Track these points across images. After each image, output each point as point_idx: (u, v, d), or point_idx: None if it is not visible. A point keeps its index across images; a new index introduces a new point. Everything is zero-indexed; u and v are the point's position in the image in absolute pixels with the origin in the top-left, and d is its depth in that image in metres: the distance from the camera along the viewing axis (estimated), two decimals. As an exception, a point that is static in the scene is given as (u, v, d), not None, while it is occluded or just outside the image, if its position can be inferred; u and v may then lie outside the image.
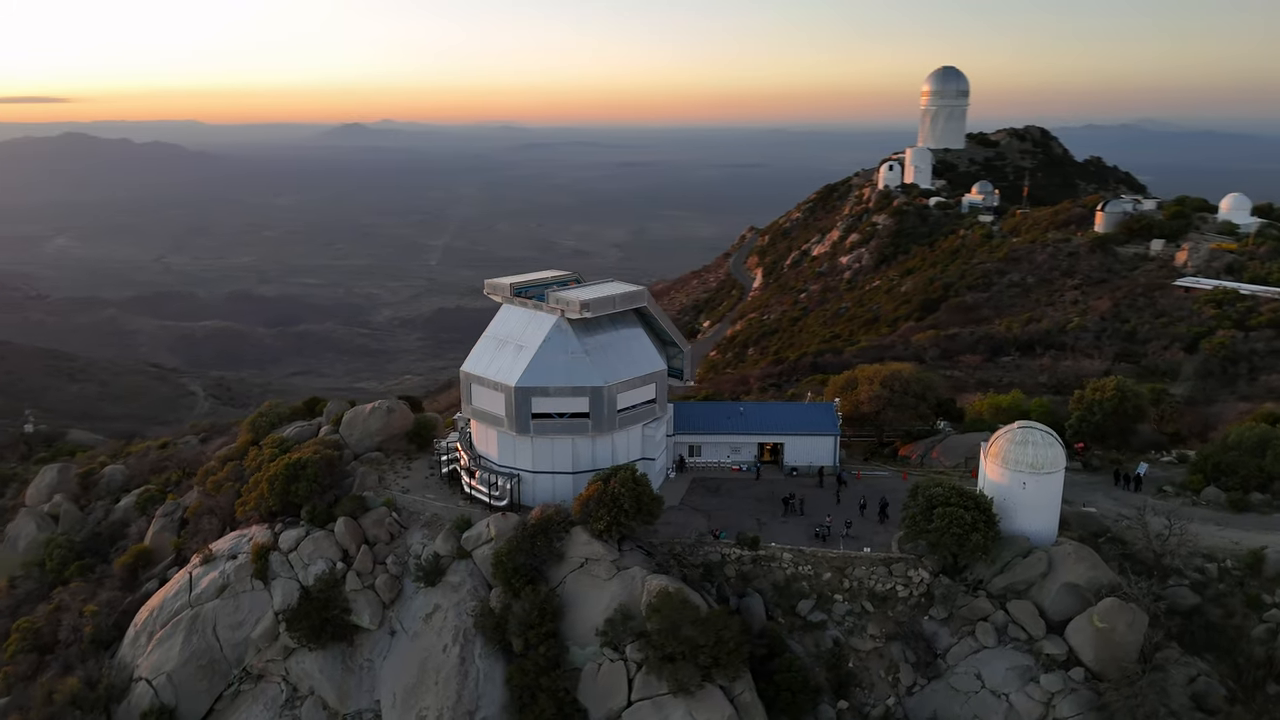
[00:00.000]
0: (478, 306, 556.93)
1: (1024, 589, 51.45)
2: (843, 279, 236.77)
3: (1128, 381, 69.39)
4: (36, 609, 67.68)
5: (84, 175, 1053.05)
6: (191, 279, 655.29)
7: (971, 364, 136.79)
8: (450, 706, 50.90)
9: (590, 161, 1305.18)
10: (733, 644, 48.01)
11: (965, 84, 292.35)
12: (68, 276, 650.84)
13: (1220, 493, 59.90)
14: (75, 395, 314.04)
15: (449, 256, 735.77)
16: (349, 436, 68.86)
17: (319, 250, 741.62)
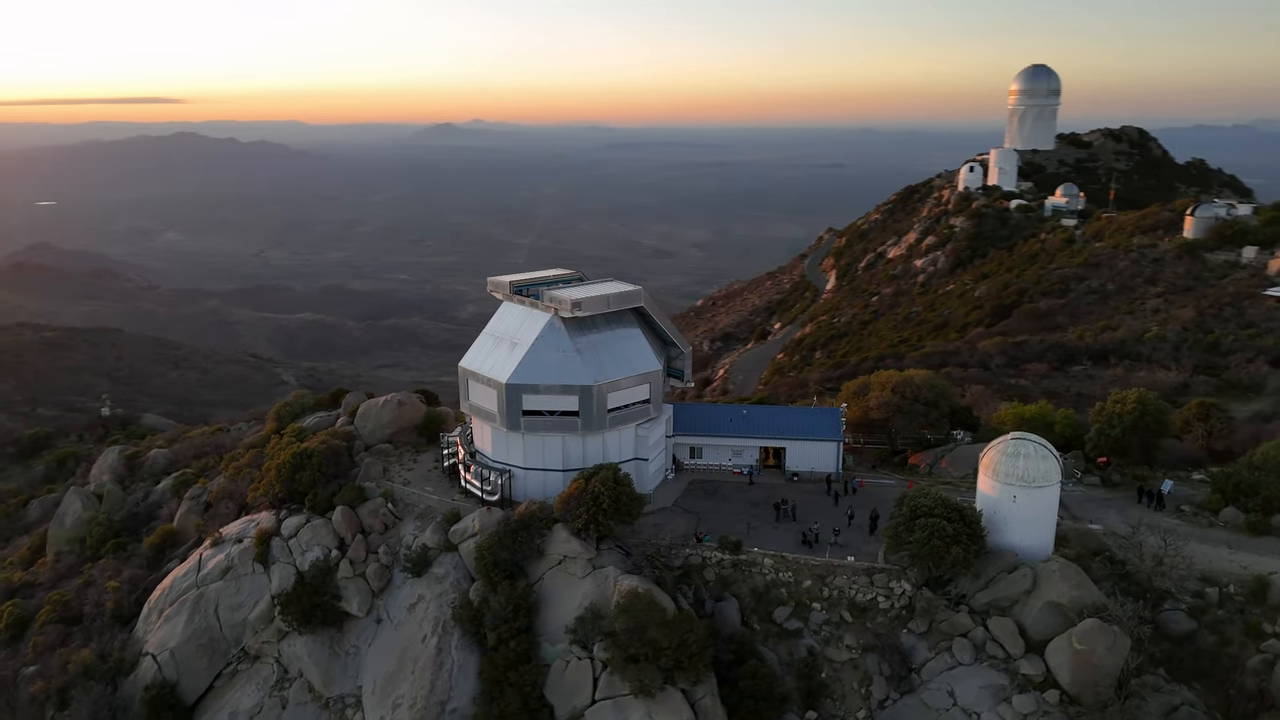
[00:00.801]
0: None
1: (1008, 606, 49.76)
2: (916, 283, 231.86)
3: (1150, 395, 66.14)
4: (72, 583, 71.83)
5: (194, 173, 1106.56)
6: (289, 273, 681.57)
7: (1038, 373, 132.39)
8: (424, 696, 52.02)
9: (674, 161, 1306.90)
10: (695, 647, 47.77)
11: (1056, 83, 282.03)
12: (176, 268, 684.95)
13: (1239, 514, 56.74)
14: (177, 381, 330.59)
15: (534, 255, 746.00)
16: (362, 428, 70.96)
17: (409, 247, 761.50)
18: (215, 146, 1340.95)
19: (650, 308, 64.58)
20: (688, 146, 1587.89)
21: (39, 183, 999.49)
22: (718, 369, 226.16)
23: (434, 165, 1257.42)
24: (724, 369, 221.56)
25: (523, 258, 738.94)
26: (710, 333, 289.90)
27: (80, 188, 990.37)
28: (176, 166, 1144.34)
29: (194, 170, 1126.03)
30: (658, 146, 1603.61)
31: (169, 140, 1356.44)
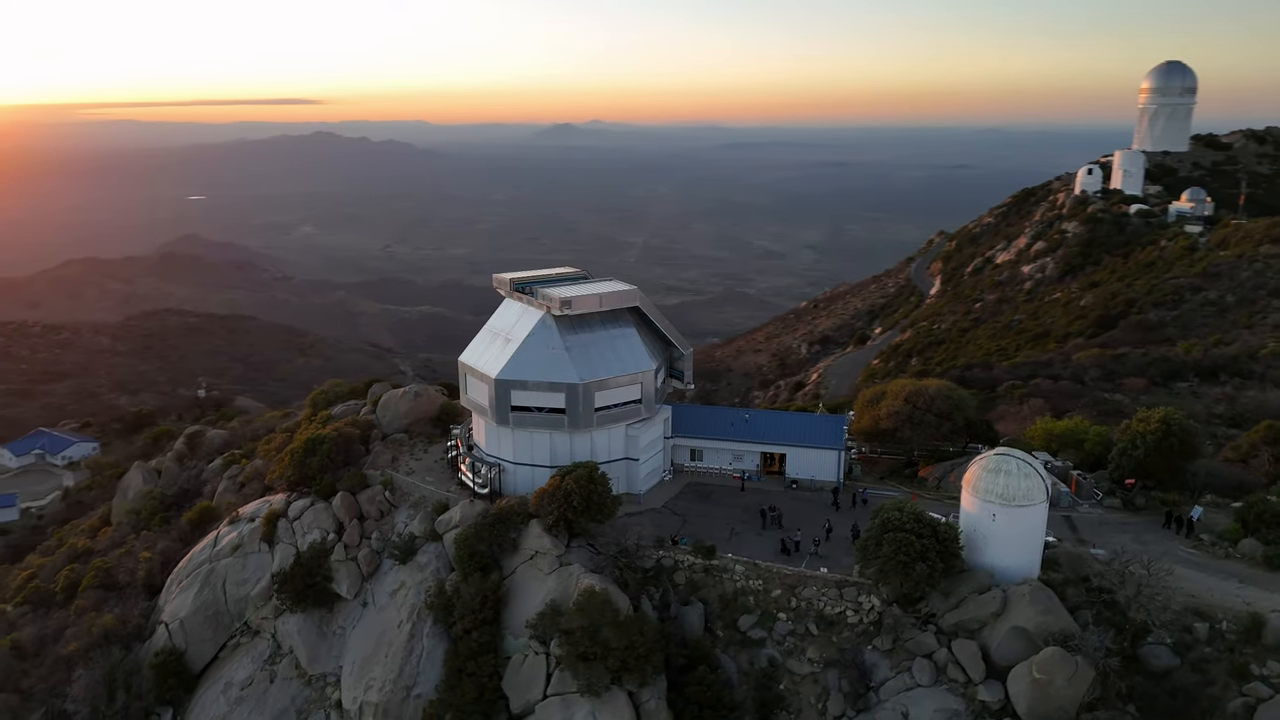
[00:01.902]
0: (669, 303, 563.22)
1: (977, 628, 47.54)
2: (1022, 289, 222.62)
3: (1177, 415, 61.62)
4: (117, 552, 77.25)
5: (328, 170, 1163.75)
6: (412, 267, 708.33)
7: (1136, 388, 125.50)
8: (392, 680, 53.69)
9: (790, 161, 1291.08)
10: (643, 649, 47.63)
11: (1192, 80, 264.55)
12: (309, 261, 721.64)
13: (1259, 546, 52.33)
14: (302, 368, 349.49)
15: (645, 254, 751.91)
16: (382, 417, 73.57)
17: (525, 244, 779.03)
18: (349, 145, 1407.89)
19: (647, 308, 64.53)
20: (806, 146, 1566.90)
21: (190, 179, 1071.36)
22: (811, 373, 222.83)
23: (552, 165, 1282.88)
24: (817, 374, 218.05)
25: (633, 256, 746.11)
26: (809, 336, 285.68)
27: (227, 184, 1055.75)
28: (313, 164, 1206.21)
29: (329, 168, 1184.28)
30: (775, 146, 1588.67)
31: (307, 139, 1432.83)
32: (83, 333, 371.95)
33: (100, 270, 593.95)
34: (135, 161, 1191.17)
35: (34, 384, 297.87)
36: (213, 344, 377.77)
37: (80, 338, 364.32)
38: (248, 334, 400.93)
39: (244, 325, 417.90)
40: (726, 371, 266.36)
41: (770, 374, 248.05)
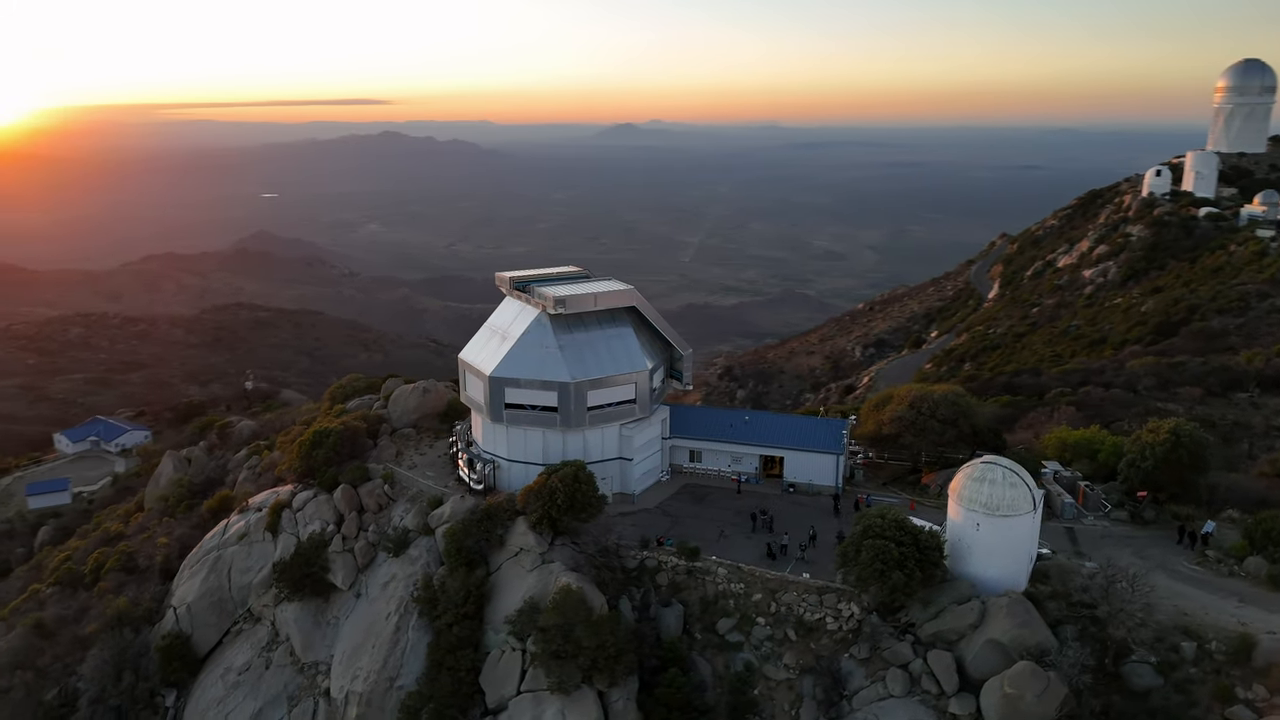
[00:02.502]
0: (726, 304, 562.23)
1: (955, 639, 46.45)
2: (1081, 294, 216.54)
3: (1188, 425, 59.14)
4: (139, 537, 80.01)
5: (395, 169, 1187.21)
6: (474, 265, 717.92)
7: (1192, 398, 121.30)
8: (376, 671, 54.60)
9: (854, 161, 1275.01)
10: (614, 649, 47.61)
11: (1272, 79, 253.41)
12: (375, 258, 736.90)
13: (1265, 564, 50.01)
14: (365, 363, 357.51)
15: (702, 253, 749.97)
16: (392, 412, 74.82)
17: (584, 243, 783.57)
18: (415, 145, 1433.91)
19: (644, 308, 64.39)
20: (870, 146, 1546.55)
21: (263, 177, 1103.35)
22: (862, 377, 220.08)
23: (612, 164, 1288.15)
24: (868, 377, 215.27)
25: (689, 256, 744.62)
26: (863, 338, 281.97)
27: (298, 182, 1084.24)
28: (380, 163, 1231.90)
29: (396, 167, 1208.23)
30: (838, 146, 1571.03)
31: (375, 139, 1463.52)
32: (159, 325, 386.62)
33: (177, 265, 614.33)
34: (212, 160, 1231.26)
35: (112, 373, 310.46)
36: (280, 338, 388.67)
37: (156, 329, 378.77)
38: (314, 328, 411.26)
39: (310, 320, 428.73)
40: (778, 373, 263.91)
41: (823, 377, 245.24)
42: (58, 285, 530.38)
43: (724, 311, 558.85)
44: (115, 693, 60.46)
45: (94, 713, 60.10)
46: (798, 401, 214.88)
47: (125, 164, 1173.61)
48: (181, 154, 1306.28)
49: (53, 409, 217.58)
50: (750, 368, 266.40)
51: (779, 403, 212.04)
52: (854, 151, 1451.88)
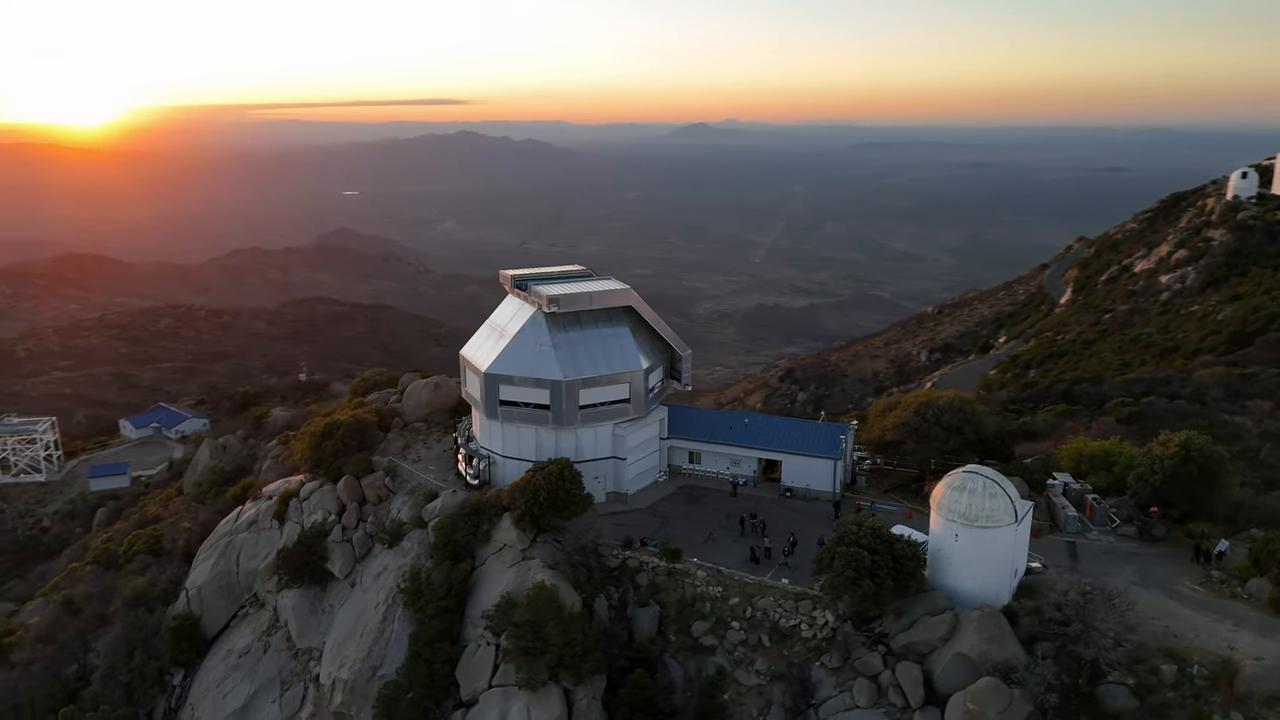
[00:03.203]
0: (795, 305, 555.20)
1: (926, 652, 45.29)
2: (1157, 300, 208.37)
3: (1200, 439, 56.23)
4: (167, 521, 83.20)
5: (472, 169, 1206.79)
6: (544, 263, 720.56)
7: (1262, 411, 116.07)
8: (361, 659, 55.72)
9: (931, 161, 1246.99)
10: (580, 648, 47.69)
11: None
12: (449, 255, 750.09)
13: (1267, 587, 47.34)
14: (436, 357, 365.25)
15: (773, 254, 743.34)
16: (405, 406, 76.22)
17: (654, 243, 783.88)
18: (491, 144, 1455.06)
19: (641, 308, 64.19)
20: (948, 145, 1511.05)
21: (345, 175, 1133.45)
22: (925, 382, 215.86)
23: (685, 164, 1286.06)
24: (931, 382, 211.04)
25: (760, 256, 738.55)
26: (930, 342, 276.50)
27: (378, 181, 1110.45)
28: (458, 162, 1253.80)
29: (472, 166, 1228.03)
30: (915, 145, 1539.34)
31: (452, 139, 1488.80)
32: (242, 317, 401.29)
33: (262, 259, 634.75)
34: (298, 158, 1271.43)
35: (197, 363, 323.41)
36: (355, 331, 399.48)
37: (240, 321, 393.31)
38: (388, 323, 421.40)
39: (385, 315, 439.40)
40: (841, 377, 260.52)
41: (886, 380, 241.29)
42: (151, 278, 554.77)
43: (793, 313, 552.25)
44: (125, 670, 62.97)
45: (105, 688, 62.75)
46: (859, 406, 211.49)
47: (217, 161, 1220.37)
48: (269, 152, 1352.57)
49: (140, 396, 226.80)
50: (812, 370, 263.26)
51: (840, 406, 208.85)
52: (932, 151, 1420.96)
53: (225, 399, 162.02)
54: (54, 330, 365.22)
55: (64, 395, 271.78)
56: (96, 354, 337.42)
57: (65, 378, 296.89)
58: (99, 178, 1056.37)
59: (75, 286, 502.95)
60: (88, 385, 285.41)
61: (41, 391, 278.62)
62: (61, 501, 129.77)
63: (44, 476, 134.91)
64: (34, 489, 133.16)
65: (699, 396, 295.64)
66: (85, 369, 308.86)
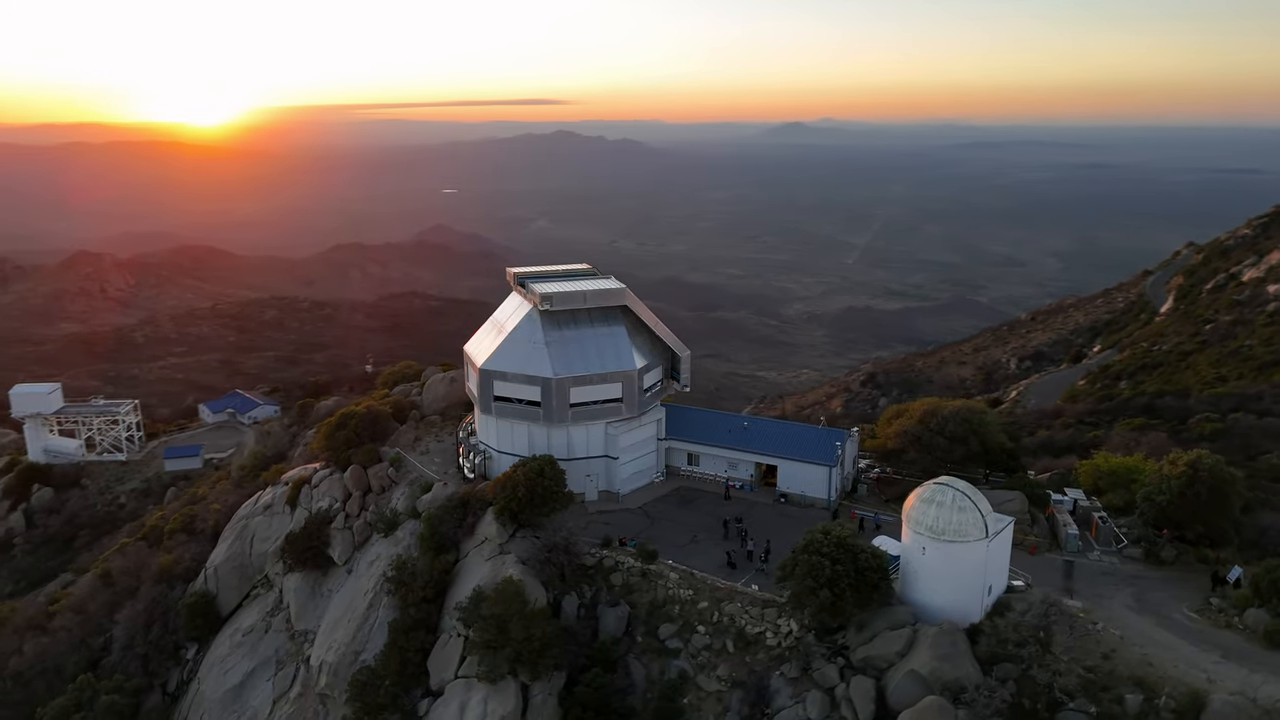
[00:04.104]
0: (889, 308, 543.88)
1: (884, 666, 44.00)
2: (1263, 311, 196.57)
3: (1211, 458, 52.55)
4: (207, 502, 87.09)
5: (566, 168, 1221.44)
6: (634, 262, 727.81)
7: None
8: (346, 643, 57.19)
9: (1040, 162, 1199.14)
10: (539, 644, 47.88)
11: None
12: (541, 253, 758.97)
13: (1265, 618, 44.01)
14: None
15: (867, 256, 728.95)
16: (424, 399, 77.89)
17: (744, 243, 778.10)
18: (586, 144, 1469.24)
19: (637, 308, 63.93)
20: (1057, 146, 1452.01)
21: (444, 173, 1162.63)
22: (1010, 391, 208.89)
23: (779, 163, 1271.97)
24: (1016, 391, 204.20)
25: (854, 258, 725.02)
26: (1021, 350, 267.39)
27: (476, 179, 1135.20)
28: (553, 161, 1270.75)
29: (567, 165, 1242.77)
30: (1022, 145, 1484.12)
31: (549, 138, 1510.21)
32: (342, 310, 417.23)
33: (363, 254, 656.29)
34: (400, 157, 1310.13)
35: (299, 353, 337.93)
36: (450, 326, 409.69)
37: (340, 314, 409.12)
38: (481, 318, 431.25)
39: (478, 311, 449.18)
40: (925, 383, 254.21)
41: (973, 388, 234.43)
42: (261, 270, 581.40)
43: (886, 316, 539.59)
44: (143, 642, 66.36)
45: (123, 658, 66.24)
46: None
47: (324, 159, 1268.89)
48: (373, 150, 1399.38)
49: (245, 383, 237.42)
50: (896, 375, 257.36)
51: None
52: (1040, 151, 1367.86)
53: (298, 388, 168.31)
54: (170, 318, 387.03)
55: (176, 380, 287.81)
56: (207, 341, 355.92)
57: (178, 363, 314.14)
58: (217, 174, 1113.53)
59: (192, 277, 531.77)
60: (198, 371, 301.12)
61: (156, 375, 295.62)
62: (139, 480, 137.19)
63: (125, 456, 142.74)
64: (115, 467, 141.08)
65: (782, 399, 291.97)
66: (196, 355, 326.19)
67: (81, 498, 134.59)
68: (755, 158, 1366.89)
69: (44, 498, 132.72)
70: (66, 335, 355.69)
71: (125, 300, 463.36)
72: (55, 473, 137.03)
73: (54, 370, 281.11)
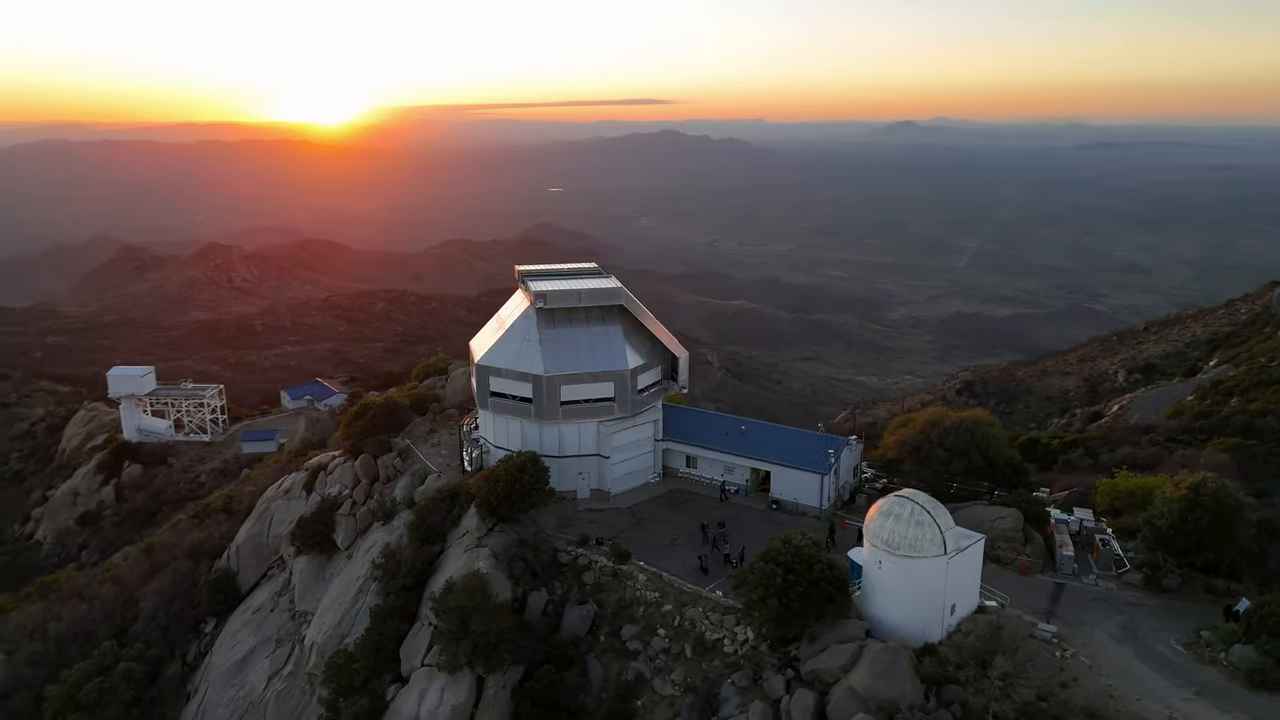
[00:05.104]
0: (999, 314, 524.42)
1: (830, 681, 42.61)
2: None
3: (1215, 481, 48.50)
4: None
5: (671, 167, 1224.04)
6: (732, 262, 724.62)
7: None
8: (333, 626, 58.94)
9: (1172, 164, 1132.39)
10: (495, 637, 48.22)
11: None
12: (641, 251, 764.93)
13: (1250, 656, 40.47)
14: None
15: (979, 260, 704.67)
16: (447, 391, 79.48)
17: (848, 244, 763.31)
18: (691, 143, 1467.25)
19: (633, 308, 63.54)
20: (1189, 146, 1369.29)
21: (551, 173, 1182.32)
22: (1113, 405, 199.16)
23: (888, 163, 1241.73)
24: (1119, 406, 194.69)
25: (964, 261, 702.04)
26: (1130, 361, 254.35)
27: (582, 178, 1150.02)
28: (658, 161, 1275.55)
29: (671, 165, 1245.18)
30: (1150, 146, 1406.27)
31: (654, 138, 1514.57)
32: (446, 304, 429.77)
33: (470, 250, 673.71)
34: (510, 155, 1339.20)
35: (403, 344, 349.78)
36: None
37: (445, 308, 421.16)
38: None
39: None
40: (1025, 393, 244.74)
41: (1076, 400, 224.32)
42: (374, 264, 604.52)
43: (996, 323, 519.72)
44: (166, 614, 70.00)
45: (147, 628, 70.00)
46: (1042, 426, 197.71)
47: (438, 157, 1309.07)
48: (484, 149, 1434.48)
49: (351, 372, 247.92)
50: (994, 385, 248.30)
51: (1022, 426, 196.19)
52: (1169, 152, 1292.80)
53: (373, 377, 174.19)
54: (288, 308, 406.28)
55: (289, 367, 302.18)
56: (319, 331, 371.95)
57: (292, 351, 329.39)
58: (339, 171, 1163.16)
59: (310, 269, 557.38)
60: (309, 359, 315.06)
61: (271, 363, 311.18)
62: (219, 460, 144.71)
63: (209, 437, 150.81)
64: (199, 447, 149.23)
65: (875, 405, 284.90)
66: (308, 345, 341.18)
67: (167, 475, 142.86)
68: (863, 157, 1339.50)
69: (133, 474, 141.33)
70: (194, 322, 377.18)
71: (249, 290, 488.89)
72: (145, 450, 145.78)
73: (181, 354, 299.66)
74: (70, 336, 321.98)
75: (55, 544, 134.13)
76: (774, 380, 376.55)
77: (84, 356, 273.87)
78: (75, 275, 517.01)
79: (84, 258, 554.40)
